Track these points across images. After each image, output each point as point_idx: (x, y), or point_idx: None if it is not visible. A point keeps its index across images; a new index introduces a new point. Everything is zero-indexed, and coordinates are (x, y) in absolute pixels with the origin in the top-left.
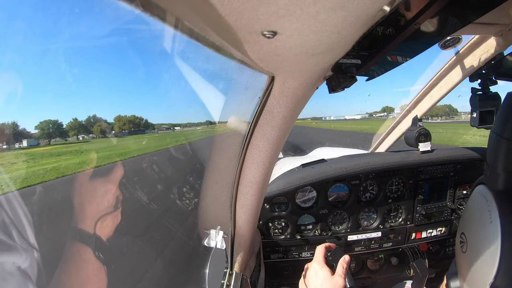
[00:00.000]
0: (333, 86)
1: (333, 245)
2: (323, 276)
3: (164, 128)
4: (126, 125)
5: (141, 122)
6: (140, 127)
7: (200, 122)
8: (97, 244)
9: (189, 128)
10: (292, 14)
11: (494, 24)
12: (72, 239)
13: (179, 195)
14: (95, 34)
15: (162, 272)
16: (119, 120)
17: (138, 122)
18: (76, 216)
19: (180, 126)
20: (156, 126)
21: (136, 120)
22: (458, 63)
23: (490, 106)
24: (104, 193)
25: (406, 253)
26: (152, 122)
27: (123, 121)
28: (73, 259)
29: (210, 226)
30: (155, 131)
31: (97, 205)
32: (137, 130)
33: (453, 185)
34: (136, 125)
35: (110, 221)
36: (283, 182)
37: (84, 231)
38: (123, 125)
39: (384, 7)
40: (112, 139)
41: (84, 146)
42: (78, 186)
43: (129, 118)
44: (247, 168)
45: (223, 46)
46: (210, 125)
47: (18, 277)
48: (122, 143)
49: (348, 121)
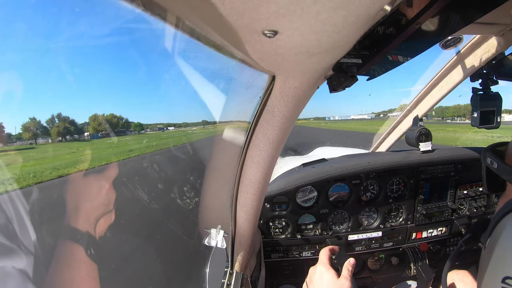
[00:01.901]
0: (334, 85)
1: (336, 248)
2: (328, 278)
3: (157, 129)
4: (102, 126)
5: (120, 122)
6: (119, 127)
7: (196, 122)
8: (96, 244)
9: (185, 128)
10: (293, 14)
11: (495, 24)
12: (67, 240)
13: (180, 195)
14: (96, 33)
15: (163, 271)
16: (94, 120)
17: (116, 122)
18: (72, 217)
19: (175, 126)
20: (147, 127)
21: (114, 119)
22: (459, 63)
23: (491, 106)
24: (97, 193)
25: (406, 253)
26: (142, 123)
27: (98, 120)
28: (70, 259)
29: (211, 225)
30: (143, 132)
31: (91, 206)
32: (116, 132)
33: (454, 185)
34: (113, 125)
35: (106, 221)
36: (284, 182)
37: (81, 232)
38: (98, 125)
39: (385, 6)
40: (73, 144)
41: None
42: (71, 187)
43: (106, 117)
44: (247, 168)
45: (224, 45)
46: (207, 125)
47: (17, 278)
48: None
49: (357, 121)
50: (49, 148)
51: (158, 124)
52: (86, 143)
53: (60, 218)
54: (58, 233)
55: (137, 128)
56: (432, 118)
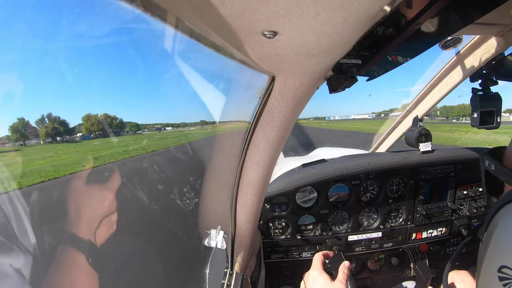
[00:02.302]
0: (334, 86)
1: (331, 253)
2: (322, 283)
3: (155, 129)
4: (95, 126)
5: (114, 122)
6: (113, 128)
7: (194, 122)
8: (95, 246)
9: (183, 128)
10: (292, 14)
11: (494, 25)
12: (65, 241)
13: (180, 195)
14: (95, 33)
15: (163, 272)
16: (88, 120)
17: (109, 122)
18: (72, 220)
19: (173, 126)
20: (144, 127)
21: (107, 119)
22: (458, 63)
23: (491, 106)
24: (99, 196)
25: (406, 253)
26: (139, 123)
27: (91, 120)
28: (70, 261)
29: (211, 226)
30: (139, 132)
31: (90, 207)
32: (106, 133)
33: (454, 185)
34: (107, 125)
35: (106, 223)
36: (284, 182)
37: (80, 233)
38: (91, 125)
39: (384, 7)
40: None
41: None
42: (72, 189)
43: (99, 117)
44: (247, 168)
45: (223, 46)
46: (205, 125)
47: (15, 278)
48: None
49: (358, 121)
50: (31, 151)
51: (156, 124)
52: (74, 144)
53: (54, 221)
54: (55, 234)
55: (133, 129)
56: (435, 118)
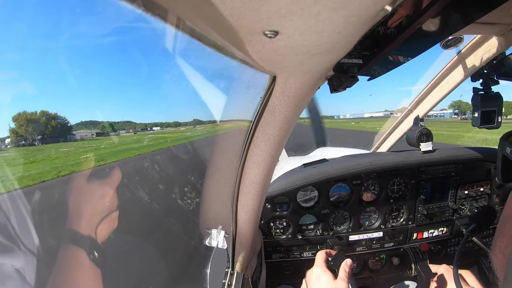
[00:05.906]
0: (335, 85)
1: (333, 252)
2: (325, 280)
3: (140, 129)
4: (23, 128)
5: (54, 123)
6: (51, 131)
7: (190, 122)
8: (97, 245)
9: (174, 128)
10: (293, 14)
11: (495, 24)
12: (66, 241)
13: (181, 195)
14: (96, 33)
15: (164, 272)
16: (17, 119)
17: (45, 122)
18: (72, 218)
19: (161, 126)
20: (134, 126)
21: (42, 119)
22: (459, 63)
23: (492, 106)
24: (100, 195)
25: (407, 253)
26: (116, 121)
27: (20, 120)
28: (71, 260)
29: (212, 225)
30: (112, 134)
31: (91, 206)
32: (37, 139)
33: (455, 185)
34: (42, 126)
35: (107, 223)
36: (285, 182)
37: (81, 233)
38: (19, 127)
39: (385, 6)
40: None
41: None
42: (74, 188)
43: (32, 116)
44: (248, 168)
45: (224, 46)
46: (205, 125)
47: (17, 280)
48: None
49: (375, 120)
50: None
51: (156, 123)
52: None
53: (56, 221)
54: (58, 234)
55: (105, 130)
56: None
